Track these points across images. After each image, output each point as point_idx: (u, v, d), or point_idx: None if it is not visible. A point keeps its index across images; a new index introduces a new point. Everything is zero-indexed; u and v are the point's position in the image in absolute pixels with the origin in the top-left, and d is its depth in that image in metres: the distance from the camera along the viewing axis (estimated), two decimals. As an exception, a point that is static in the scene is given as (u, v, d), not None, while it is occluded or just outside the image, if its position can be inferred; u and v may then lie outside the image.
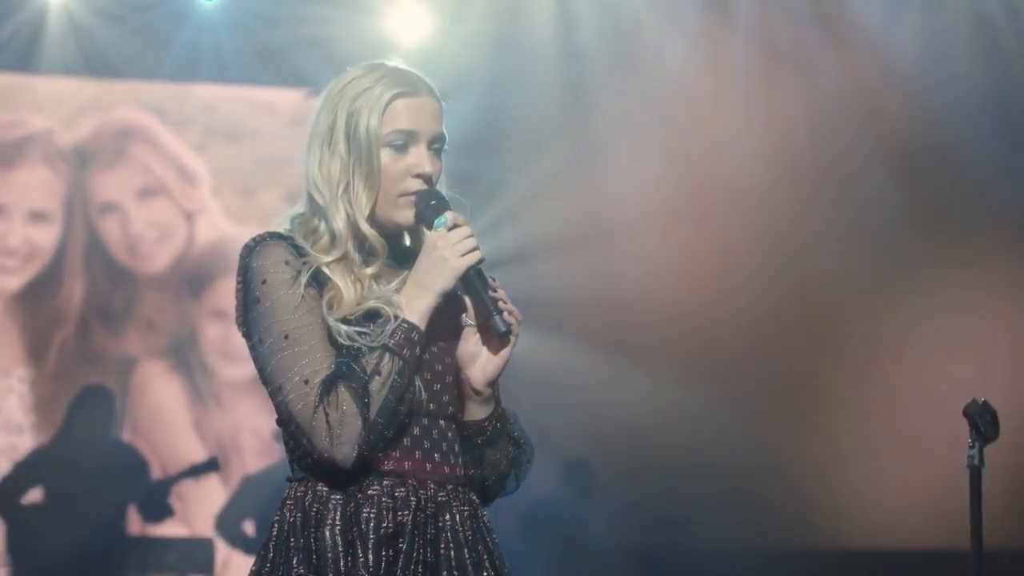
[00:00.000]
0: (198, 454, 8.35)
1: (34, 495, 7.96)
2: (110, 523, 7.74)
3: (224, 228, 8.67)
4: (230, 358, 8.54)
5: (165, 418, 8.54)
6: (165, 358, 8.59)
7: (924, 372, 8.56)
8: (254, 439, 8.49)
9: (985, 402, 3.66)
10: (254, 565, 2.83)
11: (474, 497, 2.88)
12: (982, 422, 3.64)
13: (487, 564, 2.84)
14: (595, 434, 8.49)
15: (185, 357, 8.59)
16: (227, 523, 7.96)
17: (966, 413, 3.67)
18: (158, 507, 7.82)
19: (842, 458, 8.61)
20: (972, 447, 3.66)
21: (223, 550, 7.96)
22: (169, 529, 8.02)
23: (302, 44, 8.42)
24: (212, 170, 8.68)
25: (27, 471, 7.92)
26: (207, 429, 8.53)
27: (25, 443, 8.34)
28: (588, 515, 8.47)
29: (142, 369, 8.56)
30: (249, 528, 7.85)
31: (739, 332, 8.58)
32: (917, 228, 8.71)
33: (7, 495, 7.85)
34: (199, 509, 8.20)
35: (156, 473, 7.92)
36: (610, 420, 8.40)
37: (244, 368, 8.54)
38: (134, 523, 7.94)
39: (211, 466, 7.93)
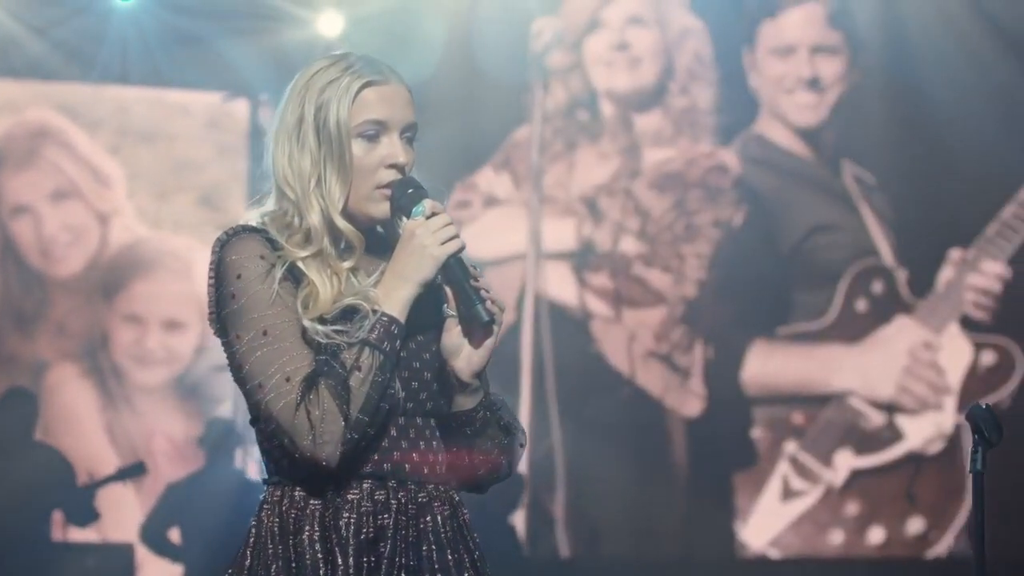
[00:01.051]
0: (110, 458, 8.27)
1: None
2: (33, 529, 7.64)
3: (138, 231, 8.58)
4: (143, 362, 8.47)
5: (77, 422, 8.43)
6: (77, 362, 8.50)
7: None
8: (167, 444, 8.42)
9: (988, 407, 3.62)
10: (231, 570, 2.75)
11: (455, 495, 2.81)
12: (986, 427, 3.59)
13: (468, 564, 2.79)
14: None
15: (97, 361, 8.50)
16: (152, 531, 7.87)
17: (969, 418, 3.63)
18: (85, 511, 7.73)
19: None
20: (975, 452, 3.61)
21: (142, 555, 7.88)
22: (86, 535, 7.93)
23: (218, 46, 8.36)
24: (126, 172, 8.59)
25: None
26: (119, 434, 8.44)
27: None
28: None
29: (54, 373, 8.46)
30: (175, 536, 7.78)
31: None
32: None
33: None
34: (114, 515, 8.10)
35: (82, 477, 7.82)
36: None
37: (157, 372, 8.48)
38: (56, 528, 7.85)
39: (138, 469, 7.85)
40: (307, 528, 2.69)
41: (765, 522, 8.69)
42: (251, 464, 8.11)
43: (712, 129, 8.87)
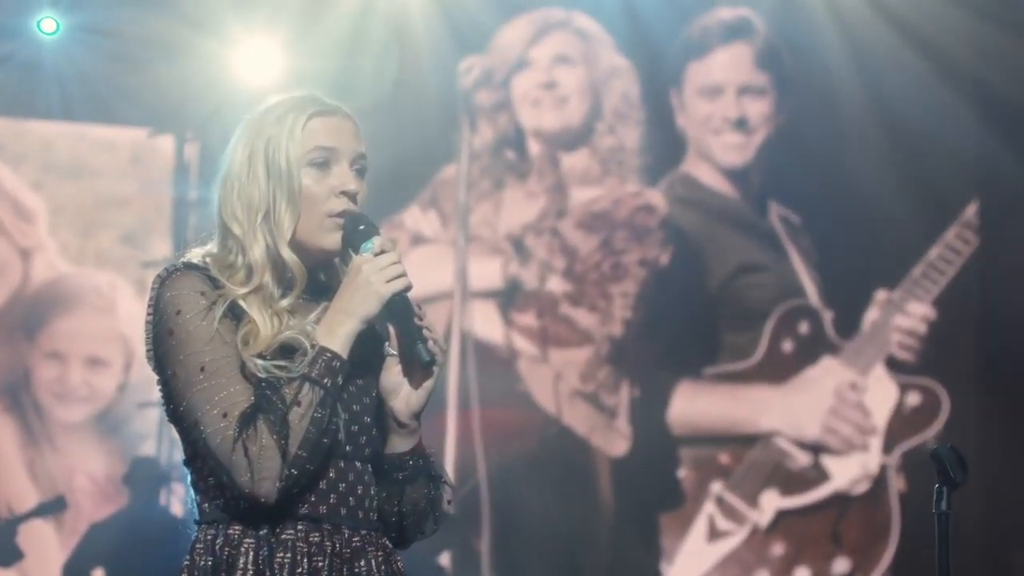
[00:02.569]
0: (30, 496, 8.18)
1: None
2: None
3: (60, 267, 8.51)
4: (64, 399, 8.39)
5: (-3, 459, 8.36)
6: (-2, 398, 8.42)
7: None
8: (88, 482, 8.33)
9: (953, 446, 3.57)
10: None
11: (387, 542, 2.79)
12: (950, 467, 3.54)
13: None
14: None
15: (18, 397, 8.41)
16: (75, 571, 7.80)
17: (934, 457, 3.57)
18: (7, 550, 7.66)
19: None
20: (940, 492, 3.55)
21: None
22: (9, 574, 7.86)
23: (145, 82, 8.33)
24: (49, 208, 8.52)
25: None
26: (40, 471, 8.36)
27: None
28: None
29: (-26, 409, 8.38)
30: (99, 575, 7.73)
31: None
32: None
33: None
34: (37, 553, 8.03)
35: (2, 513, 7.75)
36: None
37: (78, 409, 8.40)
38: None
39: (59, 505, 7.78)
40: (240, 565, 2.67)
41: (691, 562, 8.67)
42: (175, 503, 8.05)
43: (639, 169, 8.89)
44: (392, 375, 2.74)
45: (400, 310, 2.72)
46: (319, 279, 2.83)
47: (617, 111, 8.88)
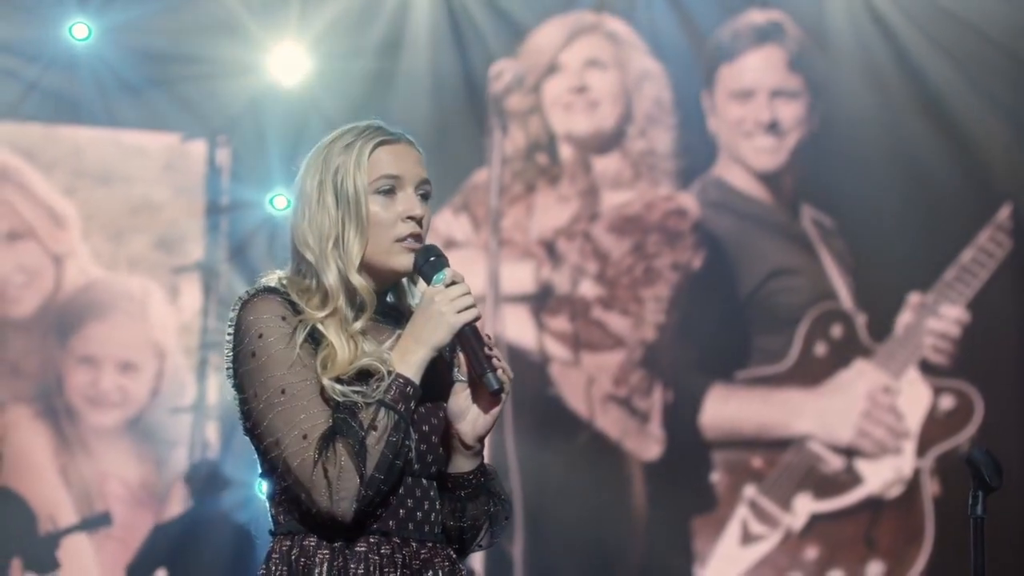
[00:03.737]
0: (65, 502, 8.20)
1: None
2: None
3: (92, 272, 8.53)
4: (97, 404, 8.41)
5: (30, 465, 8.37)
6: (31, 404, 8.43)
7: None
8: (121, 487, 8.35)
9: (988, 451, 3.57)
10: None
11: (452, 553, 2.92)
12: (986, 471, 3.55)
13: None
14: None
15: (51, 403, 8.44)
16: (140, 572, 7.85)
17: (969, 462, 3.57)
18: (44, 559, 7.69)
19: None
20: (975, 496, 3.56)
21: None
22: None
23: (176, 87, 8.34)
24: (82, 213, 8.54)
25: None
26: (73, 476, 8.38)
27: None
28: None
29: (7, 414, 8.40)
30: None
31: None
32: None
33: None
34: (74, 563, 8.05)
35: (44, 524, 7.78)
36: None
37: (111, 415, 8.42)
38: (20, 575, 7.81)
39: (103, 520, 7.81)
40: (316, 573, 2.78)
41: (724, 566, 8.66)
42: (233, 509, 8.08)
43: (671, 172, 8.88)
44: (460, 400, 2.86)
45: (470, 339, 2.82)
46: (387, 300, 2.95)
47: (649, 115, 8.88)
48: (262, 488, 2.92)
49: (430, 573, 2.86)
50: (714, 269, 8.80)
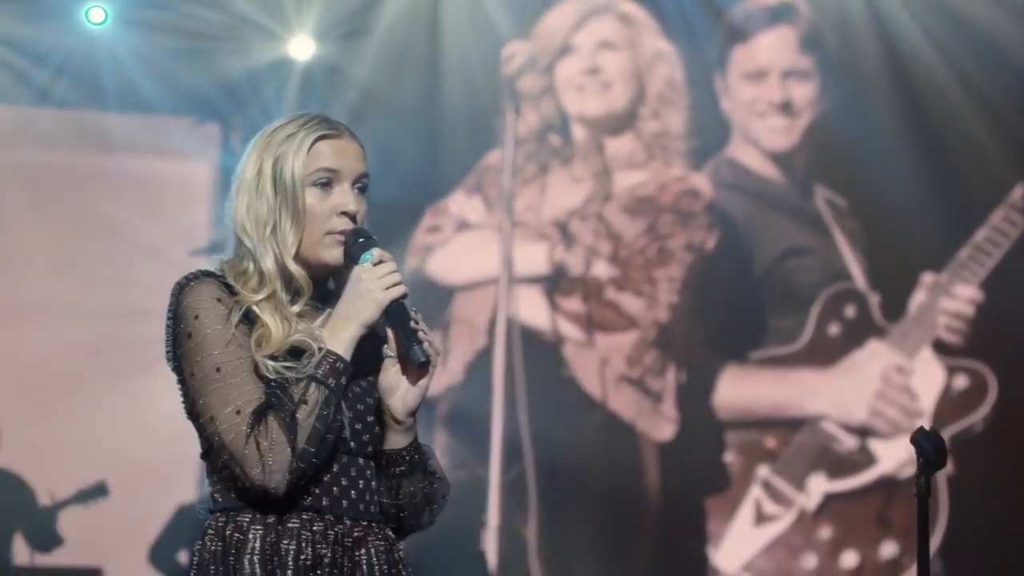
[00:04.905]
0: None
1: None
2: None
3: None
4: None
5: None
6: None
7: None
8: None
9: (933, 430, 3.65)
10: None
11: (390, 532, 2.98)
12: (930, 450, 3.62)
13: None
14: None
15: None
16: (160, 554, 7.90)
17: (913, 441, 3.66)
18: (46, 535, 7.72)
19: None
20: (920, 476, 3.65)
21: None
22: (57, 558, 7.90)
23: (191, 70, 8.38)
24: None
25: None
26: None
27: None
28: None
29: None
30: (183, 558, 7.83)
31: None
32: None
33: None
34: (87, 537, 8.08)
35: (43, 499, 7.81)
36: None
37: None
38: (20, 553, 7.84)
39: (99, 491, 7.83)
40: (248, 549, 2.86)
41: (738, 546, 8.68)
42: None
43: (684, 153, 8.89)
44: (390, 375, 2.92)
45: (397, 315, 2.89)
46: (327, 287, 3.01)
47: (661, 96, 8.88)
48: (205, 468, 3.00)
49: (363, 550, 2.92)
50: (727, 249, 8.81)
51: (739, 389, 8.73)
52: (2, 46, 8.27)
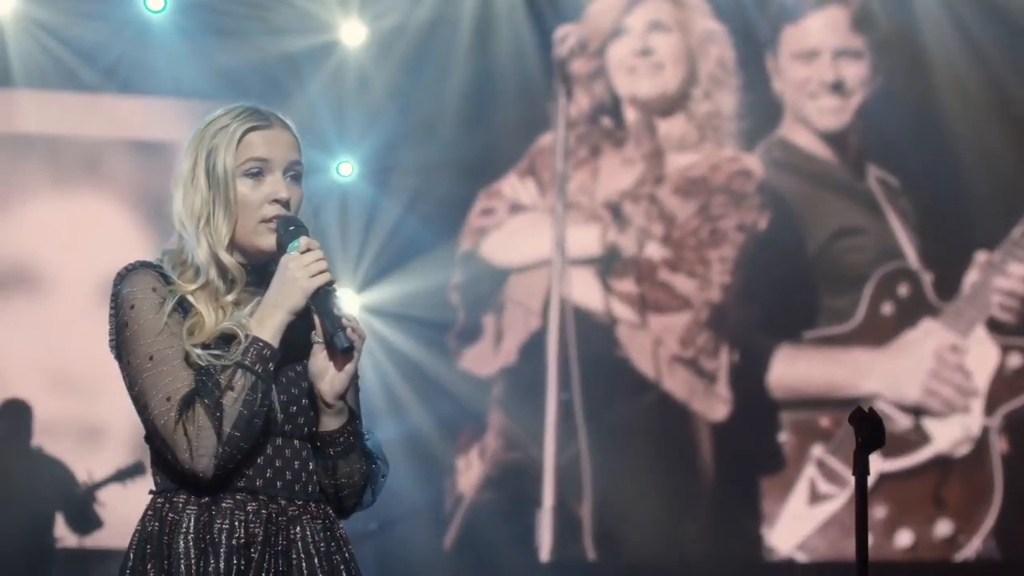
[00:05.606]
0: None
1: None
2: (37, 535, 7.69)
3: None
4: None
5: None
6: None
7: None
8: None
9: (871, 410, 3.69)
10: (119, 572, 2.99)
11: (329, 511, 3.07)
12: (868, 429, 3.68)
13: (343, 573, 3.03)
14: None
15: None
16: None
17: (852, 421, 3.71)
18: (84, 517, 7.77)
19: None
20: (857, 455, 3.69)
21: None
22: (103, 540, 7.95)
23: (248, 56, 8.43)
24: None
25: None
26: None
27: None
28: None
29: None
30: None
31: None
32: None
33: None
34: (118, 519, 8.13)
35: (81, 478, 7.86)
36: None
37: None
38: (63, 535, 7.88)
39: (136, 470, 7.87)
40: (183, 529, 2.95)
41: (792, 526, 8.70)
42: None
43: (736, 133, 8.90)
44: (318, 361, 2.99)
45: (323, 302, 2.95)
46: (268, 272, 3.04)
47: (713, 76, 8.89)
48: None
49: (297, 529, 2.99)
50: (780, 230, 8.82)
51: (792, 369, 8.74)
52: (57, 36, 8.33)
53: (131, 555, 2.98)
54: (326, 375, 2.98)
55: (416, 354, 8.58)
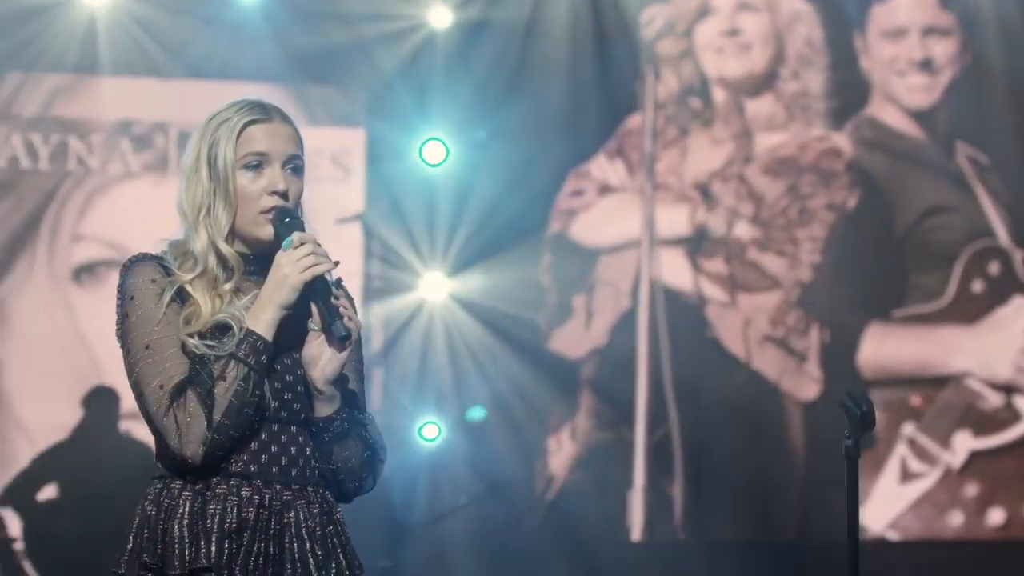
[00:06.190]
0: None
1: (49, 491, 8.03)
2: (124, 520, 7.79)
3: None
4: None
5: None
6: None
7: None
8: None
9: (861, 393, 3.83)
10: (116, 554, 3.10)
11: (327, 495, 3.15)
12: (858, 411, 3.77)
13: (339, 557, 3.11)
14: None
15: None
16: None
17: (842, 404, 3.82)
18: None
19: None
20: (848, 436, 3.82)
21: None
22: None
23: (338, 42, 8.48)
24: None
25: (43, 467, 7.98)
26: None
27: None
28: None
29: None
30: None
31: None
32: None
33: (23, 491, 7.92)
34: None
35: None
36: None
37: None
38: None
39: None
40: (177, 514, 3.05)
41: (884, 504, 8.70)
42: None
43: (824, 113, 8.89)
44: (312, 348, 3.08)
45: (319, 291, 3.06)
46: (270, 260, 3.13)
47: (801, 56, 8.88)
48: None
49: (292, 513, 3.07)
50: (869, 208, 8.81)
51: (883, 347, 8.74)
52: (143, 25, 8.40)
53: (130, 539, 3.10)
54: (318, 362, 3.07)
55: (507, 336, 8.62)
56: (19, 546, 8.13)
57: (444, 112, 8.57)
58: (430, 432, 8.39)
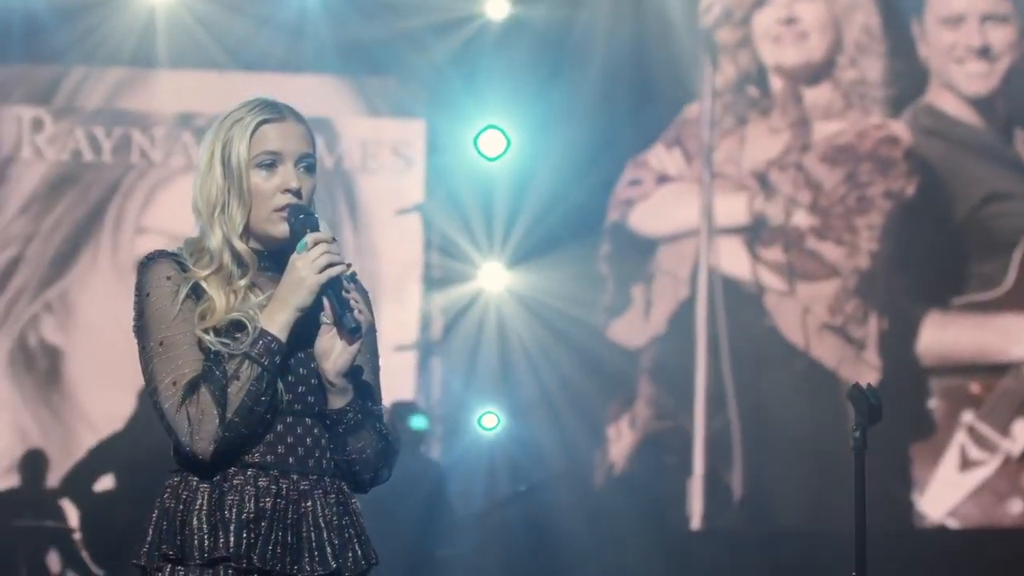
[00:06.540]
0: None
1: (106, 482, 8.11)
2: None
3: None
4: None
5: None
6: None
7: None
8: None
9: (869, 386, 3.81)
10: (136, 546, 3.10)
11: (343, 485, 3.15)
12: (866, 405, 3.79)
13: (355, 547, 3.12)
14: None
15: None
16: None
17: (850, 397, 3.83)
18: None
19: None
20: (856, 430, 3.84)
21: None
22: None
23: (393, 35, 8.52)
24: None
25: (100, 458, 8.07)
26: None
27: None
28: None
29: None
30: None
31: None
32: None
33: (80, 482, 8.00)
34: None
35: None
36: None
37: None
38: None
39: None
40: (196, 506, 3.07)
41: (943, 492, 8.69)
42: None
43: (882, 100, 8.88)
44: (324, 341, 3.09)
45: (331, 285, 3.06)
46: (285, 256, 3.14)
47: (858, 44, 8.87)
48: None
49: (308, 503, 3.09)
50: (927, 196, 8.80)
51: (942, 335, 8.73)
52: (202, 22, 8.46)
53: (150, 531, 3.10)
54: (330, 355, 3.08)
55: (566, 326, 8.65)
56: (77, 536, 8.23)
57: (502, 103, 8.60)
58: (489, 421, 8.44)
